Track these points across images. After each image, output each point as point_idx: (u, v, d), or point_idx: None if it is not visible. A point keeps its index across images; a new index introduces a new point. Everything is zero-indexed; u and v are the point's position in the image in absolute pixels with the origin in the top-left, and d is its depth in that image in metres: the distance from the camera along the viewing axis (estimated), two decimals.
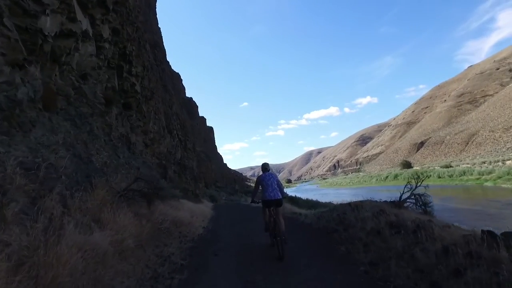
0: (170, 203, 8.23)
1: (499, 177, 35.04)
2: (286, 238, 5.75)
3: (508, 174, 34.16)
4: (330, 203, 36.45)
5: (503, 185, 32.81)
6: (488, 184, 35.40)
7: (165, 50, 23.10)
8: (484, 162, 50.98)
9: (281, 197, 5.78)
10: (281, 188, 5.93)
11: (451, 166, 52.66)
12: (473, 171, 41.58)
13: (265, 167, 6.25)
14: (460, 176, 43.01)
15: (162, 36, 23.64)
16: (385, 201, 9.19)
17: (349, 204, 9.32)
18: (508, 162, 42.78)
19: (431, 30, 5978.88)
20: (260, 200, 5.94)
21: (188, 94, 74.99)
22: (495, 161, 47.21)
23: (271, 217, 5.70)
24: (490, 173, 37.99)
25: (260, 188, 6.00)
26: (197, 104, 78.91)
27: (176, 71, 67.56)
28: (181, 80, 68.04)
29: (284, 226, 5.81)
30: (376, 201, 9.63)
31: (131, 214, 5.31)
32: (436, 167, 59.03)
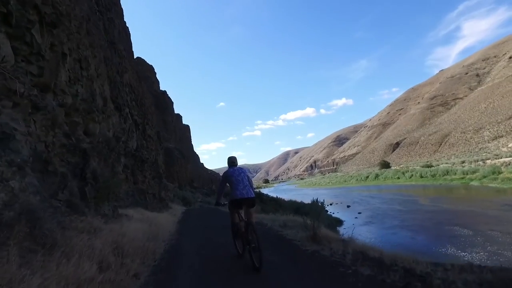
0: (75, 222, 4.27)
1: (484, 177, 34.36)
2: (262, 245, 4.32)
3: (493, 173, 33.52)
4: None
5: (490, 185, 31.99)
6: (474, 183, 34.64)
7: (120, 4, 18.73)
8: (463, 162, 51.06)
9: (254, 195, 4.90)
10: (252, 185, 5.05)
11: (432, 166, 52.42)
12: (457, 170, 41.01)
13: (232, 160, 5.29)
14: (443, 176, 42.37)
15: None
16: None
17: None
18: (488, 162, 42.65)
19: (403, 36, 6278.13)
20: (226, 202, 5.16)
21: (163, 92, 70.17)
22: (475, 161, 47.25)
23: (242, 220, 4.88)
24: (474, 172, 37.39)
25: (228, 186, 5.09)
26: (173, 101, 74.50)
27: (150, 64, 63.13)
28: (155, 73, 63.71)
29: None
30: None
31: None
32: (416, 167, 58.80)
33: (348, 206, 34.23)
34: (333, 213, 29.80)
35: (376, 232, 20.44)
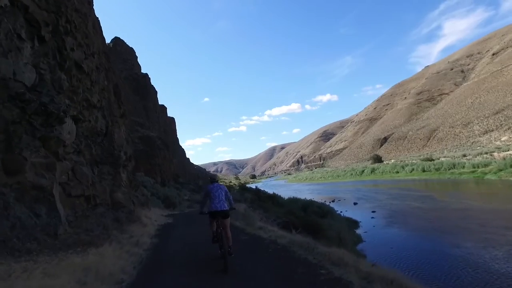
0: None
1: (500, 170, 31.52)
2: (232, 250, 5.70)
3: (511, 166, 30.64)
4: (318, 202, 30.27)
5: (510, 178, 29.04)
6: (491, 177, 31.80)
7: None
8: (464, 155, 48.69)
9: (227, 208, 5.77)
10: (230, 200, 5.99)
11: (432, 159, 49.81)
12: (464, 164, 38.20)
13: (213, 178, 6.26)
14: (449, 169, 39.56)
15: None
16: None
17: None
18: (496, 154, 40.17)
19: (387, 33, 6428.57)
20: (208, 211, 5.81)
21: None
22: (478, 154, 44.84)
23: (218, 228, 5.63)
24: (486, 165, 34.62)
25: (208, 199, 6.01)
26: (156, 90, 68.65)
27: (131, 46, 57.35)
28: (136, 57, 58.05)
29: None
30: None
31: None
32: (415, 161, 56.17)
33: (355, 203, 30.62)
34: (341, 211, 26.04)
35: (406, 237, 16.65)
